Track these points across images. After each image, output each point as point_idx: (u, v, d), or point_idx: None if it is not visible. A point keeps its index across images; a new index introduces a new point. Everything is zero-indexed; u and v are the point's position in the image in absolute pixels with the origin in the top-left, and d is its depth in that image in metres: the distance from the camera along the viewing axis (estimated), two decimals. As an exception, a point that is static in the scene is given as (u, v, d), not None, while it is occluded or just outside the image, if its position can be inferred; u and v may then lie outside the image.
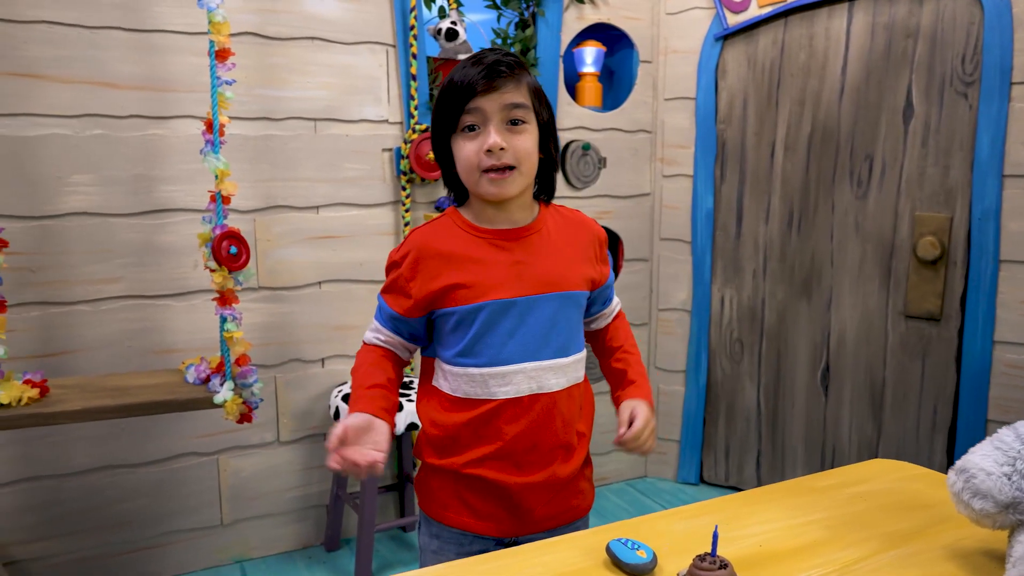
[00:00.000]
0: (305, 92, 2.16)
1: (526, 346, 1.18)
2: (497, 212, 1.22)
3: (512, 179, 1.15)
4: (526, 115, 1.16)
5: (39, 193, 1.90)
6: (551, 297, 1.19)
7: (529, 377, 1.17)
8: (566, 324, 1.22)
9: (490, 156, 1.13)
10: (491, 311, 1.17)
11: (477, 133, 1.15)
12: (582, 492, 1.26)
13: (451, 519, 1.20)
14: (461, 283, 1.17)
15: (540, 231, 1.23)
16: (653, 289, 2.80)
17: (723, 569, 0.81)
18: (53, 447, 2.00)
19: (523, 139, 1.15)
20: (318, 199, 2.22)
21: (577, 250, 1.25)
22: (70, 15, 1.88)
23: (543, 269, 1.20)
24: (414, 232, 1.25)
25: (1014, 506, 0.90)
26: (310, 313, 2.25)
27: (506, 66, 1.14)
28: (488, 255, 1.19)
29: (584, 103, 2.61)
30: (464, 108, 1.14)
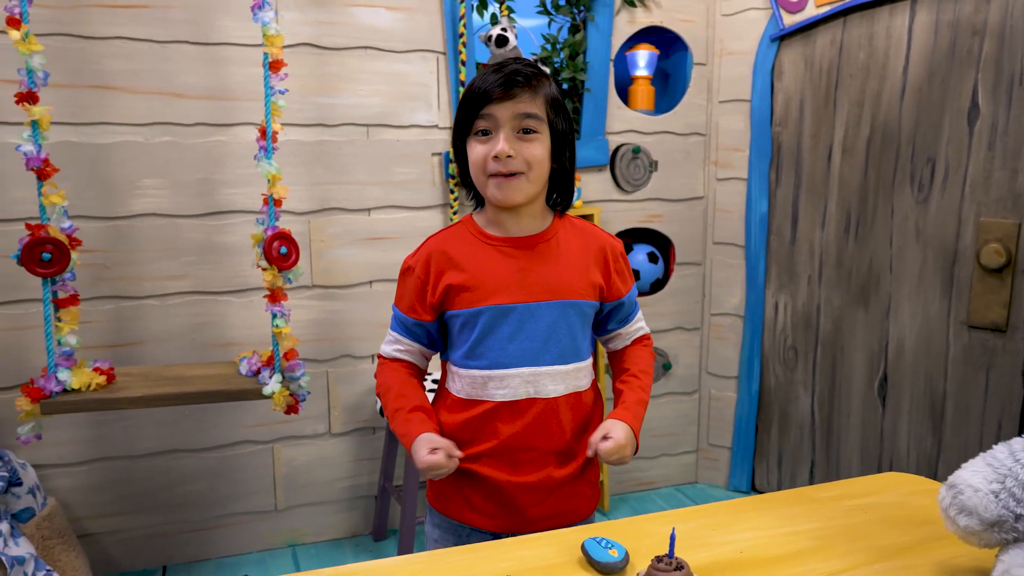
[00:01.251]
0: (358, 99, 2.25)
1: (525, 351, 1.21)
2: (508, 219, 1.26)
3: (518, 184, 1.19)
4: (538, 125, 1.20)
5: (113, 196, 2.06)
6: (553, 305, 1.23)
7: (526, 381, 1.21)
8: (568, 332, 1.24)
9: (497, 162, 1.18)
10: (491, 315, 1.21)
11: (489, 138, 1.20)
12: (582, 496, 1.29)
13: (451, 511, 1.25)
14: (465, 286, 1.22)
15: (549, 240, 1.27)
16: (705, 294, 2.77)
17: (679, 570, 0.82)
18: (125, 431, 2.16)
19: (533, 147, 1.19)
20: (370, 202, 2.31)
21: (586, 260, 1.28)
22: (143, 31, 2.03)
23: (547, 277, 1.23)
24: (429, 238, 1.31)
25: (999, 524, 0.87)
26: (361, 311, 2.34)
27: (523, 76, 1.19)
28: (493, 261, 1.23)
29: (636, 106, 2.62)
30: (479, 113, 1.19)
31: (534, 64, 1.25)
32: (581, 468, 1.28)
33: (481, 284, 1.22)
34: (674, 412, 2.80)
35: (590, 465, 1.31)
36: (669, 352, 2.75)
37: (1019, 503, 0.88)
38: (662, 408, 2.77)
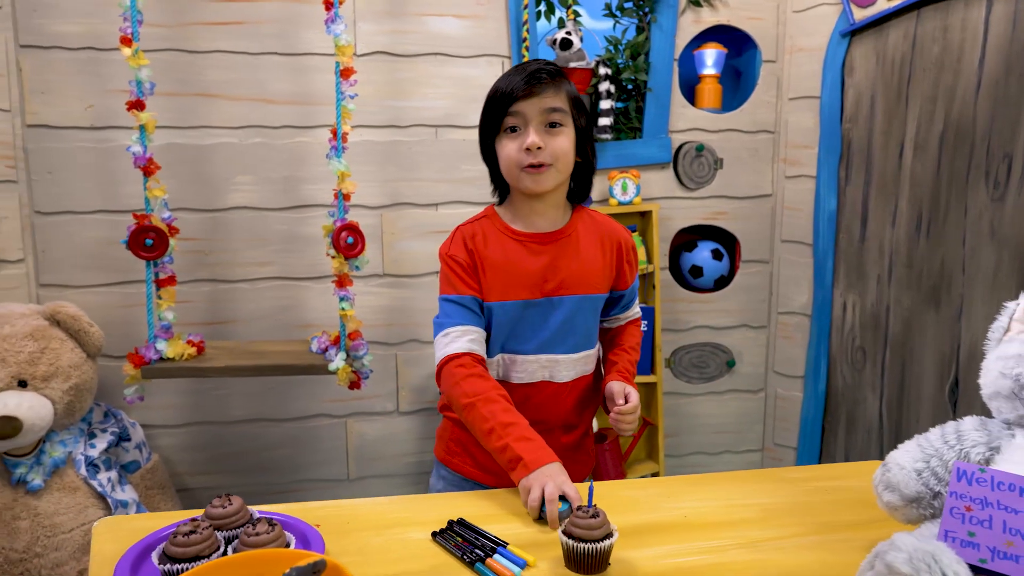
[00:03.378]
0: (428, 102, 2.42)
1: (544, 341, 1.33)
2: (534, 212, 1.36)
3: (548, 174, 1.29)
4: (563, 119, 1.30)
5: (211, 190, 2.33)
6: (573, 299, 1.34)
7: (543, 367, 1.34)
8: (583, 323, 1.36)
9: (529, 154, 1.28)
10: (518, 308, 1.32)
11: (518, 134, 1.30)
12: (579, 462, 1.41)
13: (457, 466, 1.38)
14: (495, 280, 1.33)
15: (571, 235, 1.37)
16: (772, 292, 2.75)
17: (595, 518, 0.92)
18: (218, 399, 2.44)
19: (560, 140, 1.30)
20: (437, 197, 2.48)
21: (604, 254, 1.38)
22: (239, 44, 2.28)
23: (569, 272, 1.34)
24: (458, 228, 1.43)
25: (918, 501, 0.91)
26: (428, 299, 2.51)
27: (547, 74, 1.29)
28: (521, 257, 1.34)
29: (703, 105, 2.64)
30: (507, 111, 1.29)
31: (553, 63, 1.35)
32: (581, 437, 1.40)
33: (510, 278, 1.32)
34: (738, 410, 2.80)
35: (588, 435, 1.42)
36: (733, 349, 2.75)
37: (940, 482, 0.91)
38: (725, 405, 2.78)
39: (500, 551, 0.96)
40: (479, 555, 0.95)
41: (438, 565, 0.94)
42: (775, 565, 0.94)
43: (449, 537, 1.00)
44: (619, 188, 2.49)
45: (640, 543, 0.99)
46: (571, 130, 1.32)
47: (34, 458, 2.00)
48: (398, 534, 1.01)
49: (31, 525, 1.94)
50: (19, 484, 1.96)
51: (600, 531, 0.92)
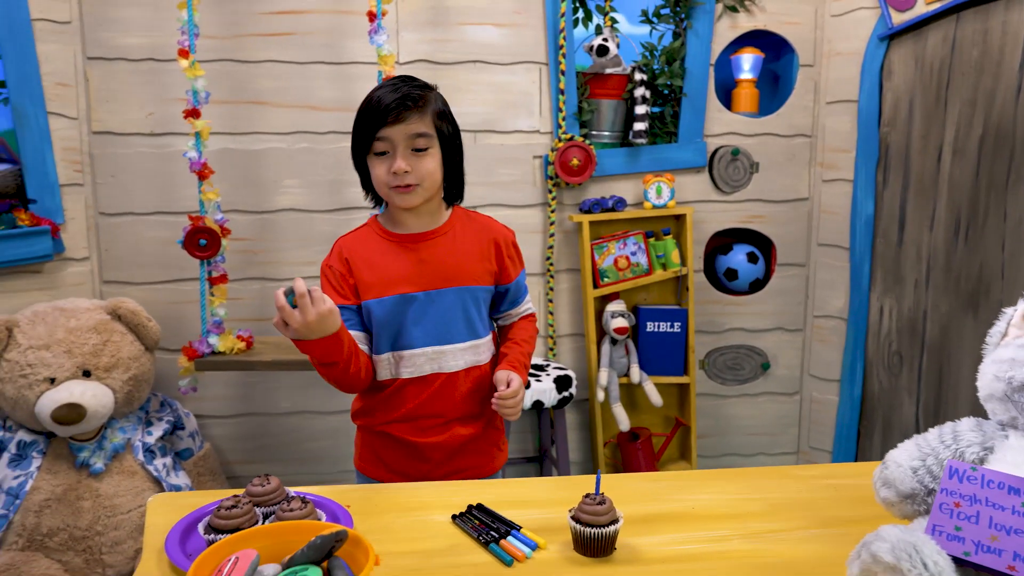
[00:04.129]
0: (467, 108, 2.50)
1: (428, 333, 1.41)
2: (408, 218, 1.44)
3: (415, 193, 1.37)
4: (428, 142, 1.37)
5: (260, 193, 2.45)
6: (451, 291, 1.42)
7: (430, 359, 1.41)
8: (465, 314, 1.44)
9: (396, 177, 1.35)
10: (397, 303, 1.40)
11: (386, 157, 1.37)
12: (487, 453, 1.49)
13: (373, 472, 1.49)
14: (373, 279, 1.41)
15: (446, 233, 1.46)
16: (808, 295, 2.76)
17: (601, 505, 0.98)
18: (266, 392, 2.56)
19: (425, 162, 1.37)
20: (475, 200, 2.55)
21: (481, 249, 1.46)
22: (288, 54, 2.40)
23: (444, 266, 1.42)
24: (339, 239, 1.51)
25: (912, 497, 0.95)
26: (466, 299, 2.60)
27: (412, 99, 1.35)
28: (395, 256, 1.43)
29: (739, 109, 2.67)
30: (375, 136, 1.36)
31: (420, 86, 1.41)
32: (483, 428, 1.47)
33: (386, 276, 1.41)
34: (773, 412, 2.81)
35: (493, 428, 1.50)
36: (768, 352, 2.77)
37: (935, 479, 0.95)
38: (760, 407, 2.80)
39: (514, 534, 1.03)
40: (494, 536, 1.02)
41: (456, 544, 1.02)
42: (773, 554, 0.99)
43: (467, 520, 1.07)
44: (653, 191, 2.53)
45: (646, 531, 1.04)
46: (436, 149, 1.40)
47: (96, 443, 2.14)
48: (421, 516, 1.09)
49: (93, 505, 2.08)
50: (83, 467, 2.11)
51: (606, 517, 0.98)
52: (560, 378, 2.36)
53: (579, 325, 2.65)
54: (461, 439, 1.45)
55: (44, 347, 2.08)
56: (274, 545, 0.79)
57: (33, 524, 2.02)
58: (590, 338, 2.57)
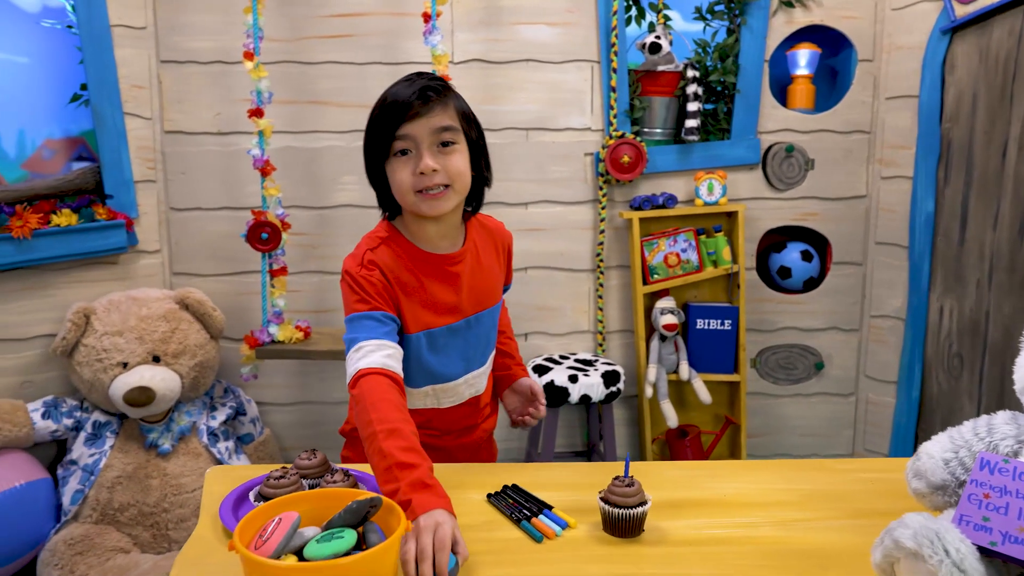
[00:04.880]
0: (519, 106, 2.55)
1: (467, 360, 1.33)
2: (434, 232, 1.26)
3: (447, 197, 1.20)
4: (455, 136, 1.20)
5: (320, 190, 2.55)
6: (486, 313, 1.33)
7: (469, 385, 1.36)
8: (492, 331, 1.39)
9: (424, 178, 1.17)
10: (443, 336, 1.28)
11: (410, 157, 1.19)
12: (488, 446, 1.52)
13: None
14: (418, 311, 1.25)
15: (472, 251, 1.31)
16: (865, 295, 2.70)
17: (630, 487, 1.00)
18: (322, 382, 2.66)
19: (455, 159, 1.20)
20: (527, 197, 2.60)
21: (498, 261, 1.38)
22: (346, 55, 2.49)
23: (479, 289, 1.31)
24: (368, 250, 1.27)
25: (943, 489, 0.95)
26: (517, 294, 2.63)
27: (433, 91, 1.19)
28: (438, 283, 1.26)
29: (795, 105, 2.64)
30: (395, 135, 1.18)
31: (439, 78, 1.25)
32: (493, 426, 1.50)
33: (429, 307, 1.25)
34: (827, 413, 2.77)
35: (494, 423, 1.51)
36: (822, 352, 2.73)
37: (967, 471, 0.94)
38: (814, 407, 2.76)
39: (546, 513, 1.06)
40: (526, 514, 1.06)
41: (489, 521, 1.06)
42: (801, 542, 1.00)
43: (502, 498, 1.11)
44: (705, 188, 2.53)
45: (676, 515, 1.07)
46: (464, 147, 1.23)
47: (164, 425, 2.26)
48: (458, 494, 1.13)
49: (160, 484, 2.20)
50: (152, 447, 2.23)
51: (635, 498, 1.00)
52: (608, 373, 2.38)
53: (629, 321, 2.67)
54: (484, 436, 1.47)
55: (118, 333, 2.21)
56: (315, 510, 0.84)
57: (106, 499, 2.15)
58: (639, 334, 2.58)
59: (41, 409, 2.23)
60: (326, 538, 0.77)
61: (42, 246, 2.25)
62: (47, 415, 2.22)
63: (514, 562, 0.95)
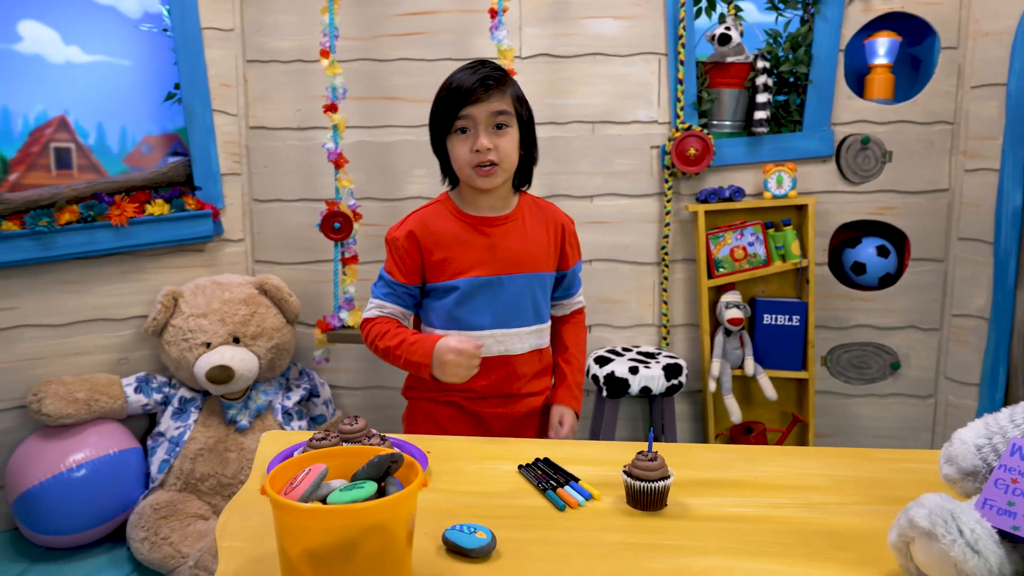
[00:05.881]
0: (586, 100, 2.57)
1: (497, 316, 1.46)
2: (482, 200, 1.49)
3: (497, 174, 1.42)
4: (508, 120, 1.42)
5: (391, 181, 2.64)
6: (520, 276, 1.47)
7: (498, 342, 1.47)
8: (531, 299, 1.49)
9: (479, 155, 1.40)
10: (469, 286, 1.45)
11: (468, 135, 1.42)
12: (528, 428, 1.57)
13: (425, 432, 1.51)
14: (446, 260, 1.46)
15: (516, 219, 1.50)
16: (947, 292, 2.59)
17: (653, 461, 1.02)
18: (390, 367, 2.74)
19: (506, 141, 1.42)
20: (592, 189, 2.62)
21: (547, 235, 1.51)
22: (417, 52, 2.58)
23: (515, 252, 1.46)
24: (413, 213, 1.54)
25: (974, 475, 0.92)
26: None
27: (493, 79, 1.40)
28: (470, 238, 1.47)
29: (872, 96, 2.56)
30: (457, 115, 1.41)
31: (499, 67, 1.46)
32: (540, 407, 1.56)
33: (459, 259, 1.46)
34: (903, 415, 2.66)
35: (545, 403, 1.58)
36: (899, 351, 2.63)
37: (999, 458, 0.91)
38: (889, 408, 2.66)
39: (572, 484, 1.09)
40: (552, 485, 1.09)
41: (516, 489, 1.10)
42: (824, 523, 0.99)
43: (531, 470, 1.15)
44: (774, 181, 2.49)
45: (703, 493, 1.07)
46: (515, 130, 1.44)
47: (242, 403, 2.41)
48: (491, 465, 1.18)
49: (238, 457, 2.34)
50: (231, 423, 2.38)
51: (657, 472, 1.02)
52: (670, 366, 2.37)
53: (694, 315, 2.65)
54: (524, 411, 1.53)
55: (202, 315, 2.37)
56: (343, 465, 0.90)
57: (189, 469, 2.31)
58: (704, 328, 2.56)
59: (134, 384, 2.41)
60: (348, 488, 0.83)
61: (137, 233, 2.43)
62: (139, 390, 2.41)
63: (535, 527, 0.99)
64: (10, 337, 2.33)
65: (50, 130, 2.57)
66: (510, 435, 1.52)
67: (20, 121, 2.52)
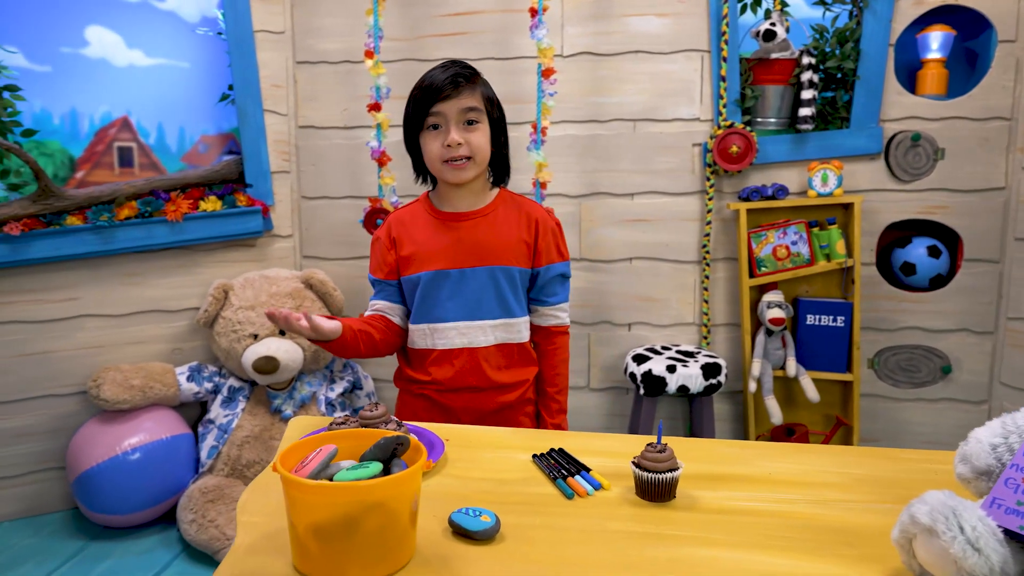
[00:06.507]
0: (627, 98, 2.57)
1: (460, 308, 1.49)
2: (456, 196, 1.53)
3: (468, 168, 1.47)
4: (479, 116, 1.48)
5: (434, 180, 2.69)
6: (483, 270, 1.49)
7: (461, 333, 1.50)
8: (497, 292, 1.50)
9: (449, 149, 1.45)
10: (432, 278, 1.49)
11: (440, 131, 1.47)
12: (515, 422, 1.56)
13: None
14: (413, 255, 1.51)
15: (488, 215, 1.53)
16: (1003, 295, 2.50)
17: (661, 453, 1.02)
18: (434, 362, 2.79)
19: (476, 136, 1.47)
20: (633, 187, 2.62)
21: (519, 230, 1.51)
22: (461, 52, 2.62)
23: (479, 245, 1.49)
24: (393, 214, 1.63)
25: (988, 474, 0.90)
26: (621, 284, 2.66)
27: (463, 77, 1.47)
28: (435, 233, 1.51)
29: (924, 91, 2.49)
30: (428, 111, 1.46)
31: (469, 66, 1.52)
32: (515, 400, 1.55)
33: (425, 253, 1.50)
34: (955, 420, 2.58)
35: (524, 400, 1.57)
36: (950, 355, 2.55)
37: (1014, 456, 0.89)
38: (940, 414, 2.58)
39: (583, 474, 1.11)
40: (563, 473, 1.11)
41: (528, 477, 1.12)
42: (832, 520, 0.98)
43: (545, 459, 1.17)
44: (819, 179, 2.44)
45: (714, 486, 1.07)
46: (486, 126, 1.49)
47: (287, 393, 2.49)
48: (507, 454, 1.20)
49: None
50: (276, 412, 2.46)
51: (665, 464, 1.02)
52: (708, 365, 2.36)
53: (735, 315, 2.62)
54: (492, 407, 1.54)
55: (250, 308, 2.46)
56: (354, 447, 0.94)
57: (236, 455, 2.40)
58: (745, 328, 2.53)
59: (187, 373, 2.52)
60: (355, 468, 0.87)
61: (191, 228, 2.54)
62: (191, 378, 2.51)
63: (541, 513, 1.00)
64: (72, 326, 2.46)
65: (114, 130, 2.70)
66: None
67: (87, 121, 2.66)
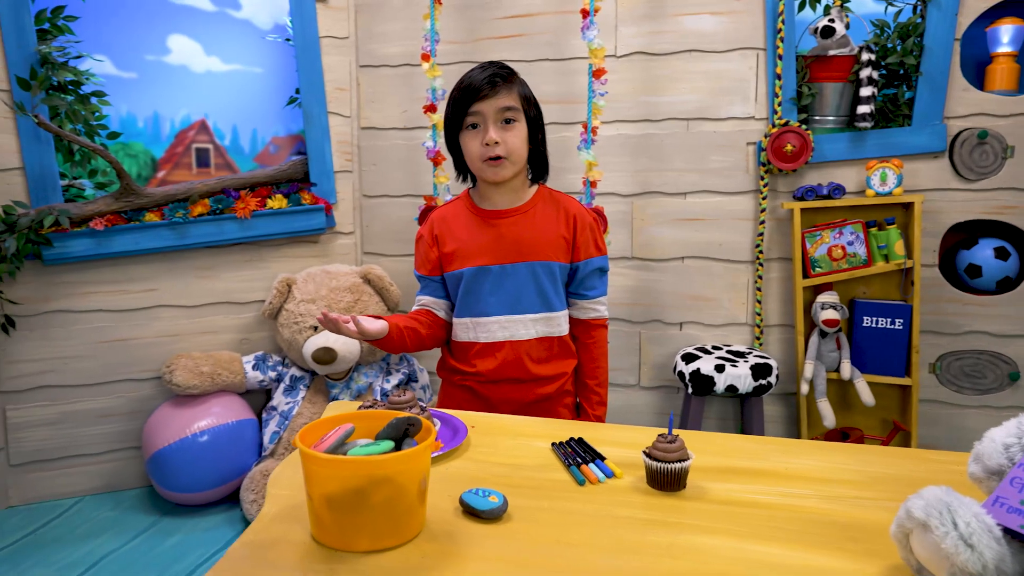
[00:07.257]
0: (680, 97, 2.57)
1: (502, 303, 1.54)
2: (495, 193, 1.58)
3: (505, 166, 1.52)
4: (516, 115, 1.52)
5: (489, 179, 2.75)
6: (524, 265, 1.53)
7: (503, 327, 1.54)
8: (537, 287, 1.54)
9: (488, 148, 1.49)
10: (473, 274, 1.55)
11: (478, 130, 1.52)
12: (555, 413, 1.60)
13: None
14: (455, 251, 1.57)
15: (527, 211, 1.57)
16: (1077, 299, 2.38)
17: (672, 443, 1.05)
18: (487, 357, 2.86)
19: (513, 135, 1.52)
20: (686, 186, 2.61)
21: (557, 226, 1.55)
22: (517, 53, 2.67)
23: (519, 242, 1.53)
24: (435, 211, 1.68)
25: (999, 474, 0.89)
26: (673, 283, 2.66)
27: (500, 77, 1.50)
28: (477, 230, 1.57)
29: (993, 87, 2.39)
30: (467, 111, 1.50)
31: (506, 67, 1.55)
32: (554, 391, 1.58)
33: (467, 250, 1.55)
34: None
35: (564, 392, 1.60)
36: (1019, 361, 2.44)
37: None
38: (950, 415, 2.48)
39: (597, 462, 1.14)
40: (577, 461, 1.14)
41: (545, 464, 1.15)
42: (842, 515, 0.98)
43: (563, 447, 1.20)
44: (877, 178, 2.38)
45: (726, 479, 1.09)
46: (523, 125, 1.53)
47: (345, 383, 2.59)
48: (526, 441, 1.24)
49: (339, 433, 2.53)
50: (333, 401, 2.57)
51: (676, 454, 1.04)
52: (758, 366, 2.34)
53: (788, 315, 2.58)
54: (531, 398, 1.58)
55: (311, 301, 2.57)
56: (371, 427, 1.00)
57: (295, 441, 2.51)
58: (798, 329, 2.49)
59: (252, 362, 2.65)
60: (368, 445, 0.93)
61: (259, 225, 2.68)
62: (256, 367, 2.65)
63: (551, 497, 1.04)
64: (150, 316, 2.63)
65: (192, 132, 2.87)
66: None
67: (168, 124, 2.83)
